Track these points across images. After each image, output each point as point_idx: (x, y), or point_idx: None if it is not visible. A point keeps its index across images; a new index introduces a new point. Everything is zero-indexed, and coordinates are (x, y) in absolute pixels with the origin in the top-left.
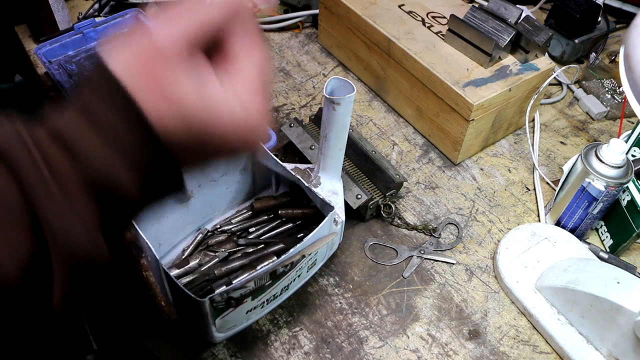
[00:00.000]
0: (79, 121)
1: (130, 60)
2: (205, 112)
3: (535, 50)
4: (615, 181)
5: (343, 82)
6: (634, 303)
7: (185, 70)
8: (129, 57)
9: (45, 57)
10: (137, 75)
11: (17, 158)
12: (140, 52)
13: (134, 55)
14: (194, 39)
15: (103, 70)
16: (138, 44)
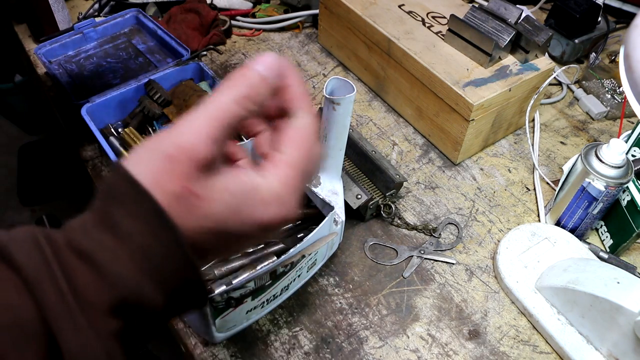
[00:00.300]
0: (104, 236)
1: (157, 169)
2: (237, 219)
3: (535, 50)
4: (615, 181)
5: (343, 82)
6: (634, 303)
7: (216, 178)
8: (156, 165)
9: (45, 57)
10: (165, 186)
11: (36, 273)
12: (168, 160)
13: (161, 164)
14: (224, 133)
15: (129, 179)
16: (165, 150)
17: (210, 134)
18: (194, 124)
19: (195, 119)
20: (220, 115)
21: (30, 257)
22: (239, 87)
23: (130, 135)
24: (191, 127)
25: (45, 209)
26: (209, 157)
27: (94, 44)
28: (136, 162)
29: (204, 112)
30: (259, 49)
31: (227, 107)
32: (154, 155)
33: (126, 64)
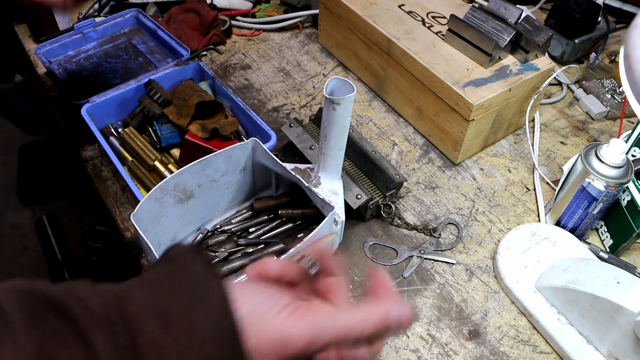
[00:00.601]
0: (184, 340)
1: (265, 340)
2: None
3: (535, 50)
4: (615, 181)
5: (343, 82)
6: (634, 303)
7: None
8: (266, 339)
9: (45, 57)
10: (261, 350)
11: None
12: (277, 346)
13: (268, 341)
14: (325, 347)
15: (231, 318)
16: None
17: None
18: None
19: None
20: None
21: (109, 344)
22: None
23: (130, 135)
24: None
25: (45, 208)
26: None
27: (94, 44)
28: (241, 290)
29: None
30: (259, 49)
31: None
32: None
33: (126, 64)
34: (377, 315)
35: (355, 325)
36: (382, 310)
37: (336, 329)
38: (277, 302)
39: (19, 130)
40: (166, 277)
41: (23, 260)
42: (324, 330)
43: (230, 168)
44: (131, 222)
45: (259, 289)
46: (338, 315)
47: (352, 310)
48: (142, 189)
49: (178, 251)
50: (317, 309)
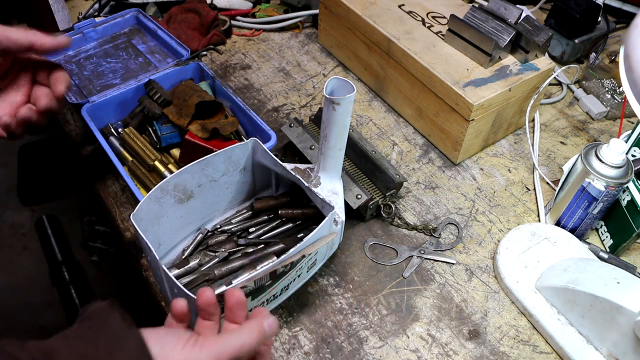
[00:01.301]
0: None
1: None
2: None
3: (535, 50)
4: (615, 181)
5: (343, 82)
6: (634, 303)
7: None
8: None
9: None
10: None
11: None
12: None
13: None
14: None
15: (148, 358)
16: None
17: None
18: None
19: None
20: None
21: None
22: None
23: (130, 135)
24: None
25: (45, 208)
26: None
27: (94, 44)
28: (149, 334)
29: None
30: (259, 48)
31: None
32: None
33: (126, 64)
34: (257, 329)
35: (244, 341)
36: (258, 324)
37: (232, 348)
38: (180, 337)
39: None
40: (87, 332)
41: (23, 260)
42: (222, 352)
43: (230, 168)
44: (131, 222)
45: (164, 331)
46: (229, 338)
47: (238, 331)
48: (142, 189)
49: (94, 308)
50: (213, 338)
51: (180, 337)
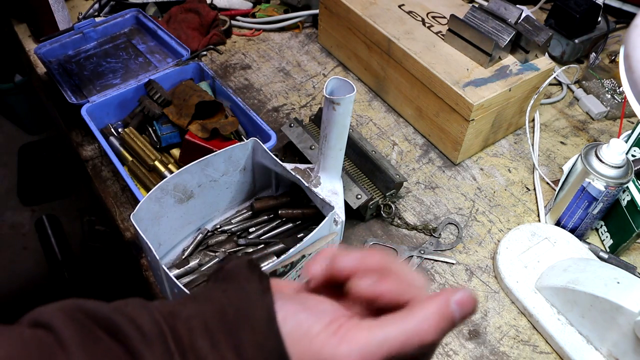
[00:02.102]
0: (228, 354)
1: (301, 325)
2: None
3: (535, 50)
4: (615, 181)
5: (343, 82)
6: (634, 303)
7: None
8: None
9: (45, 57)
10: (299, 343)
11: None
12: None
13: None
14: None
15: (269, 315)
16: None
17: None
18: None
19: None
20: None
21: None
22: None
23: (130, 135)
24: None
25: (45, 208)
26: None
27: (94, 44)
28: (282, 306)
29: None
30: (259, 48)
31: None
32: (304, 315)
33: (126, 64)
34: (436, 310)
35: (415, 333)
36: (440, 302)
37: (390, 345)
38: (318, 320)
39: (19, 130)
40: (218, 295)
41: (23, 260)
42: (374, 351)
43: (230, 168)
44: (131, 222)
45: (301, 305)
46: (389, 327)
47: (407, 315)
48: (142, 189)
49: (234, 267)
50: (365, 326)
51: (317, 320)
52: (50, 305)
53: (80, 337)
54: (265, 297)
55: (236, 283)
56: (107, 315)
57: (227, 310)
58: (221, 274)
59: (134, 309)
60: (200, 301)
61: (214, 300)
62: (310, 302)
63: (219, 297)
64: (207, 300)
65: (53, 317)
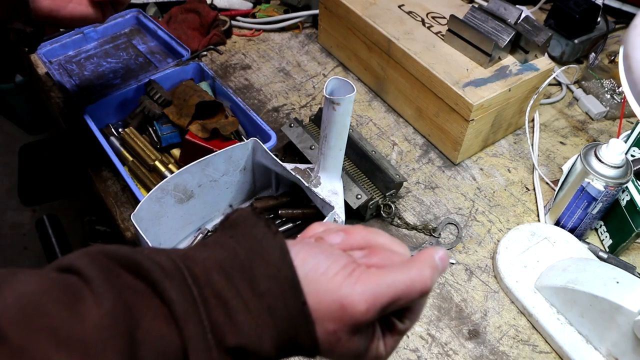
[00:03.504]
0: (242, 286)
1: (322, 301)
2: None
3: (535, 51)
4: (615, 181)
5: (343, 82)
6: (633, 303)
7: (360, 334)
8: (324, 299)
9: (45, 57)
10: (320, 309)
11: (185, 310)
12: (335, 308)
13: (326, 302)
14: (385, 309)
15: (282, 249)
16: (338, 300)
17: (380, 306)
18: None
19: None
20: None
21: (180, 294)
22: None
23: (131, 135)
24: (375, 290)
25: (45, 208)
26: (368, 321)
27: (94, 44)
28: (300, 250)
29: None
30: (259, 49)
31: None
32: (329, 298)
33: (126, 64)
34: (428, 263)
35: (414, 279)
36: (429, 257)
37: (396, 288)
38: (335, 262)
39: (19, 130)
40: (228, 240)
41: (24, 260)
42: (384, 292)
43: (230, 168)
44: (131, 222)
45: (317, 248)
46: (394, 274)
47: (405, 266)
48: (143, 189)
49: (238, 216)
50: (374, 272)
51: (334, 262)
52: (73, 252)
53: (104, 275)
54: (275, 236)
55: (243, 229)
56: (128, 254)
57: (238, 251)
58: (227, 223)
59: (152, 250)
60: (210, 247)
61: (224, 245)
62: (325, 247)
63: (229, 242)
64: (218, 245)
65: (77, 260)
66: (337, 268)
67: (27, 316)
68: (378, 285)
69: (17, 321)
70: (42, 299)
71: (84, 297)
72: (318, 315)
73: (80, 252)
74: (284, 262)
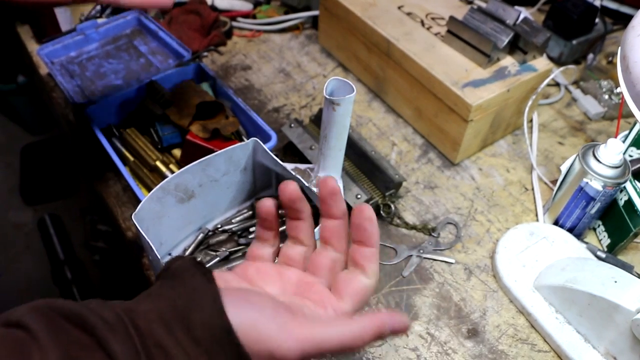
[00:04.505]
0: (181, 335)
1: (253, 349)
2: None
3: (534, 51)
4: (613, 181)
5: (343, 82)
6: (631, 302)
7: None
8: (255, 348)
9: (47, 58)
10: (252, 358)
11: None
12: (266, 356)
13: (258, 350)
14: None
15: (221, 316)
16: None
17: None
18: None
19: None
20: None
21: (123, 346)
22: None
23: (132, 135)
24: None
25: (47, 208)
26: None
27: (95, 45)
28: (230, 301)
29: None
30: (259, 50)
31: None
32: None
33: (128, 64)
34: (373, 328)
35: (350, 341)
36: (378, 322)
37: (328, 344)
38: (268, 310)
39: (21, 130)
40: (169, 291)
41: (25, 260)
42: (314, 347)
43: (231, 168)
44: (133, 221)
45: (253, 297)
46: (332, 328)
47: (347, 322)
48: (144, 188)
49: (178, 266)
50: (309, 318)
51: (263, 308)
52: (20, 307)
53: (51, 330)
54: (210, 285)
55: (182, 279)
56: (75, 310)
57: (177, 302)
58: (169, 273)
59: (97, 305)
60: (153, 297)
61: (165, 296)
62: (252, 297)
63: (169, 293)
64: (159, 296)
65: (24, 315)
66: (267, 316)
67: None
68: (308, 341)
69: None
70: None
71: (31, 353)
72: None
73: (28, 307)
74: (216, 308)
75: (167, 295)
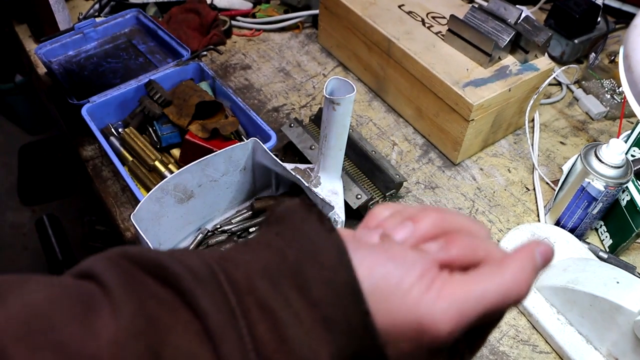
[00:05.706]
0: (292, 294)
1: (396, 320)
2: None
3: (535, 51)
4: (615, 181)
5: (343, 82)
6: (633, 303)
7: (441, 355)
8: (398, 318)
9: (45, 57)
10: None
11: (220, 323)
12: (413, 328)
13: (401, 321)
14: (473, 325)
15: (338, 246)
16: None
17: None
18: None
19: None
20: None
21: (214, 304)
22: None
23: (131, 135)
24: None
25: (45, 208)
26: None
27: (94, 44)
28: (364, 257)
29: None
30: (259, 49)
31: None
32: (392, 288)
33: (126, 64)
34: (527, 263)
35: (510, 287)
36: (528, 255)
37: (487, 301)
38: (409, 271)
39: (19, 130)
40: (274, 239)
41: (23, 260)
42: (472, 307)
43: (230, 168)
44: (131, 222)
45: (386, 252)
46: (485, 282)
47: (499, 268)
48: (143, 189)
49: (286, 209)
50: (458, 280)
51: (408, 271)
52: (93, 256)
53: (125, 282)
54: (331, 236)
55: (292, 225)
56: (155, 257)
57: (286, 252)
58: (273, 217)
59: (183, 252)
60: (253, 247)
61: (269, 245)
62: (394, 250)
63: (276, 241)
64: (262, 246)
65: (95, 265)
66: (412, 279)
67: (31, 331)
68: (466, 301)
69: (20, 336)
70: (50, 310)
71: (100, 308)
72: (392, 335)
73: (101, 255)
74: (342, 264)
75: (273, 243)
